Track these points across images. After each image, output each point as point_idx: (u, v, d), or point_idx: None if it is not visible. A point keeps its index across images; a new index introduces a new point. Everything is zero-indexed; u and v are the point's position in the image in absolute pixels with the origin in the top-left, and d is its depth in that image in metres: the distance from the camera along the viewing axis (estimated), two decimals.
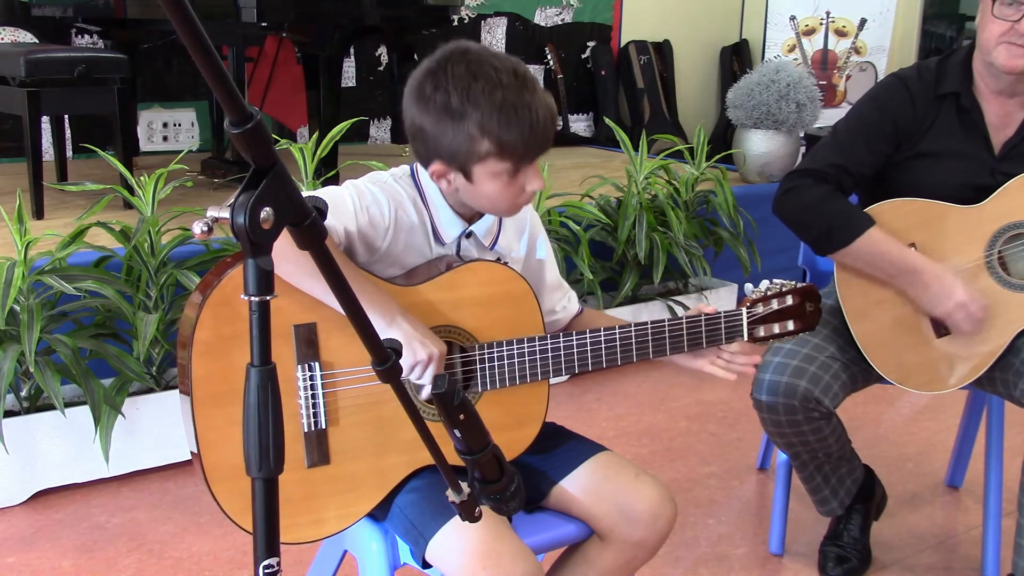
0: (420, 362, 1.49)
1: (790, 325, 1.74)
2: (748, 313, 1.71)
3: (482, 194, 1.58)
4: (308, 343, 1.52)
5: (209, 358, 1.47)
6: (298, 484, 1.52)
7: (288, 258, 1.34)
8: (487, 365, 1.61)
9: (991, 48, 2.05)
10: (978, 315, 2.08)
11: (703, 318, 1.68)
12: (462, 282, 1.60)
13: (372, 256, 1.59)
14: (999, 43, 2.04)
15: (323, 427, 1.54)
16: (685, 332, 1.67)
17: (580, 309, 1.86)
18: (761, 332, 1.72)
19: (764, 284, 1.74)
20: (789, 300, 1.73)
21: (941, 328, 2.14)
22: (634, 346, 1.66)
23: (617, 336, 1.65)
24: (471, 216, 1.66)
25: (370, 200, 1.58)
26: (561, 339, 1.63)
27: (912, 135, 2.17)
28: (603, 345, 1.65)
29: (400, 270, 1.63)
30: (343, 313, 1.47)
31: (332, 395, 1.54)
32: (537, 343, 1.62)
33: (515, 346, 1.61)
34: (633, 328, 1.66)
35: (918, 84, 2.18)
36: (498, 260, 1.67)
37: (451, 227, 1.64)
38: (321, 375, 1.53)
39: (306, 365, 1.52)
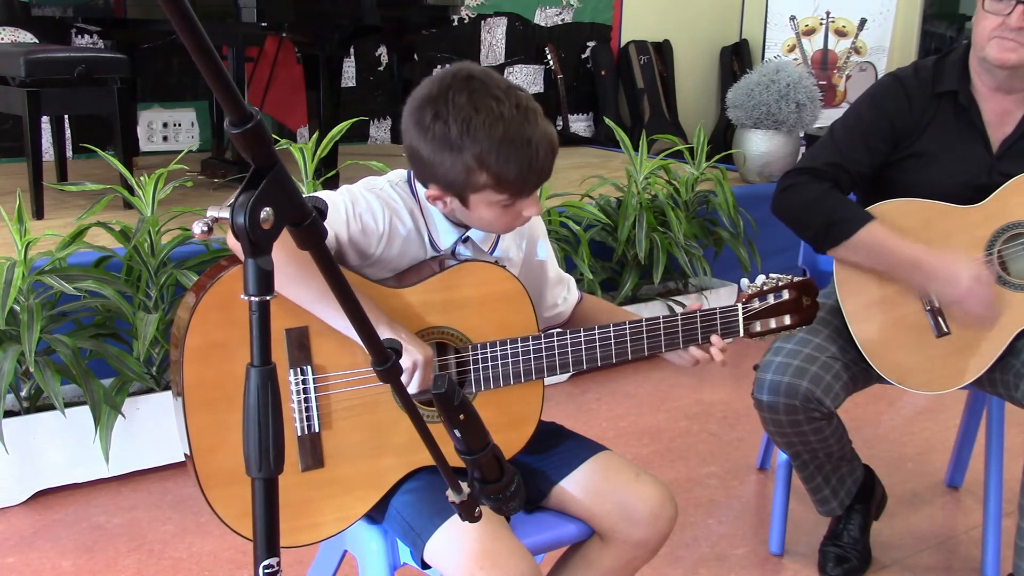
0: (405, 370, 1.49)
1: (787, 320, 1.73)
2: (744, 308, 1.70)
3: (478, 218, 1.59)
4: (299, 347, 1.51)
5: (201, 364, 1.46)
6: (293, 488, 1.51)
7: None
8: (480, 365, 1.61)
9: (984, 43, 2.06)
10: (989, 298, 2.07)
11: (699, 313, 1.67)
12: (454, 283, 1.60)
13: (364, 261, 1.59)
14: (991, 37, 2.05)
15: (316, 431, 1.53)
16: (680, 328, 1.67)
17: (580, 296, 1.86)
18: (758, 327, 1.72)
19: (760, 279, 1.73)
20: (786, 295, 1.72)
21: (941, 328, 2.14)
22: (629, 343, 1.65)
23: (611, 334, 1.65)
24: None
25: (364, 207, 1.56)
26: (555, 338, 1.63)
27: (909, 134, 2.17)
28: (597, 343, 1.64)
29: (393, 273, 1.62)
30: (326, 320, 1.48)
31: (325, 398, 1.53)
32: (531, 342, 1.62)
33: (508, 346, 1.61)
34: (628, 325, 1.65)
35: (915, 83, 2.18)
36: (495, 262, 1.66)
37: (447, 235, 1.64)
38: (313, 379, 1.52)
39: (298, 369, 1.51)
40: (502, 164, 1.48)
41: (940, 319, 2.14)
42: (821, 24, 6.13)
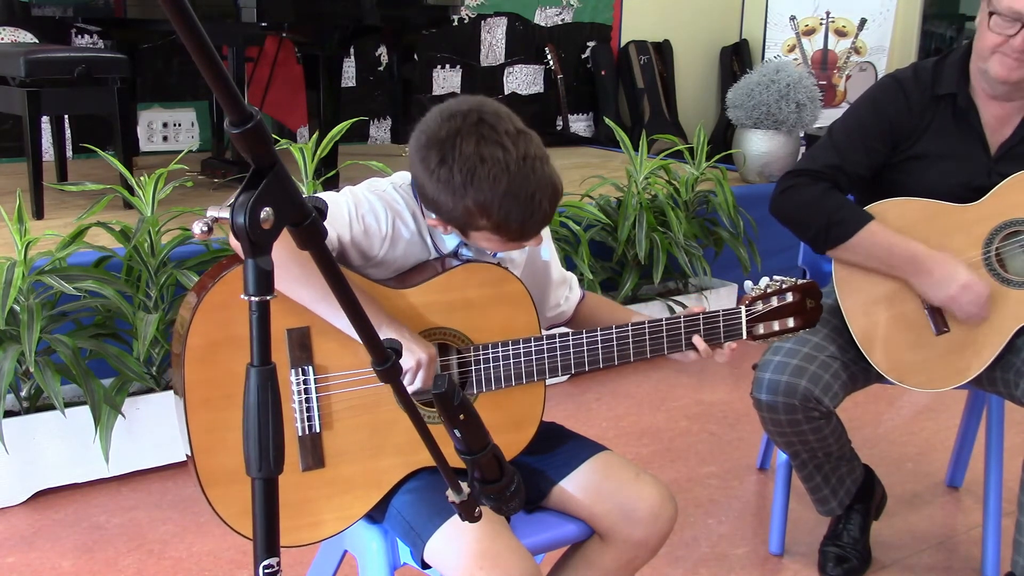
0: (408, 369, 1.50)
1: (790, 322, 1.73)
2: (747, 311, 1.70)
3: (478, 246, 1.61)
4: (301, 347, 1.51)
5: (202, 363, 1.47)
6: (293, 488, 1.52)
7: (276, 264, 1.35)
8: (482, 367, 1.61)
9: (986, 56, 2.07)
10: (984, 295, 2.08)
11: (701, 316, 1.67)
12: (457, 284, 1.60)
13: (367, 262, 1.59)
14: (994, 53, 2.05)
15: (317, 431, 1.53)
16: (683, 331, 1.67)
17: (582, 295, 1.87)
18: (760, 330, 1.71)
19: (764, 281, 1.73)
20: (789, 297, 1.72)
21: (941, 326, 2.14)
22: (631, 345, 1.65)
23: (614, 336, 1.65)
24: None
25: (367, 209, 1.57)
26: (557, 340, 1.63)
27: (908, 136, 2.17)
28: (600, 345, 1.64)
29: (396, 274, 1.63)
30: (329, 320, 1.49)
31: (326, 399, 1.54)
32: (532, 344, 1.62)
33: (510, 347, 1.61)
34: (631, 328, 1.65)
35: (914, 85, 2.18)
36: (497, 263, 1.66)
37: (450, 238, 1.64)
38: (315, 379, 1.52)
39: (299, 369, 1.51)
40: (503, 215, 1.49)
41: (939, 317, 2.14)
42: (821, 24, 6.13)
